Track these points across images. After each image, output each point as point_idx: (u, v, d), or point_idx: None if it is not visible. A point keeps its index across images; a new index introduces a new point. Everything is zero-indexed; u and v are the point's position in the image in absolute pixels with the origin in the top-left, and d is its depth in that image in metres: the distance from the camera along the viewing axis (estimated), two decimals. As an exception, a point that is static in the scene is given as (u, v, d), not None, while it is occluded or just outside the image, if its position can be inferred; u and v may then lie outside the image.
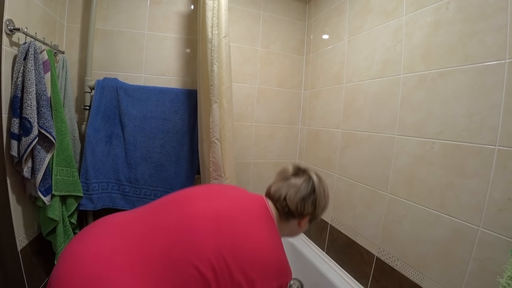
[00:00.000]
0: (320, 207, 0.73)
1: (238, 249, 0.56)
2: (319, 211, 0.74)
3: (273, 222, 0.67)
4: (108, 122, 1.28)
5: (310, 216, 0.72)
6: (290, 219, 0.72)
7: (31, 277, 0.99)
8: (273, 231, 0.64)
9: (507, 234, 0.68)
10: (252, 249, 0.57)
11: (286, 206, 0.69)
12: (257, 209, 0.67)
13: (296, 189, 0.70)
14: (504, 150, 0.70)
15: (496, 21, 0.73)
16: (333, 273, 1.29)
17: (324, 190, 0.75)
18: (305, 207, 0.70)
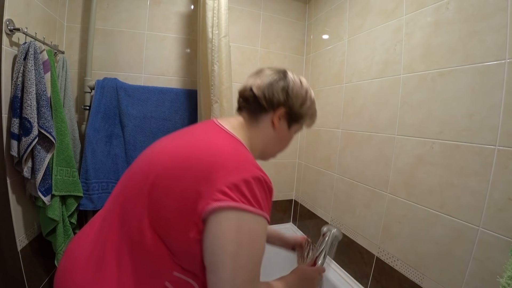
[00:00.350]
0: (294, 97, 0.60)
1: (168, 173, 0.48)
2: (295, 102, 0.60)
3: (227, 133, 0.55)
4: (108, 122, 1.28)
5: (284, 109, 0.60)
6: (260, 118, 0.60)
7: (31, 277, 0.99)
8: (229, 140, 0.53)
9: (507, 234, 0.68)
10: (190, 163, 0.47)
11: (253, 95, 0.59)
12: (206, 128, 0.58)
13: (265, 76, 0.60)
14: (504, 150, 0.70)
15: (496, 21, 0.73)
16: (333, 273, 1.29)
17: (301, 82, 0.63)
18: (273, 93, 0.58)
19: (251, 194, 0.44)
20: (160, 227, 0.46)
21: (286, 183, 1.84)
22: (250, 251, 0.44)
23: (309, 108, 0.64)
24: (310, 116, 0.66)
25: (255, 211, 0.44)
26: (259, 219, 0.45)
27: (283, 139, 0.65)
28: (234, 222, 0.43)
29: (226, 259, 0.42)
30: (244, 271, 0.43)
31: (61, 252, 1.07)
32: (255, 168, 0.47)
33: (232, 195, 0.43)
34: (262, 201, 0.45)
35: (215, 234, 0.43)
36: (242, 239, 0.43)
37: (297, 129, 0.66)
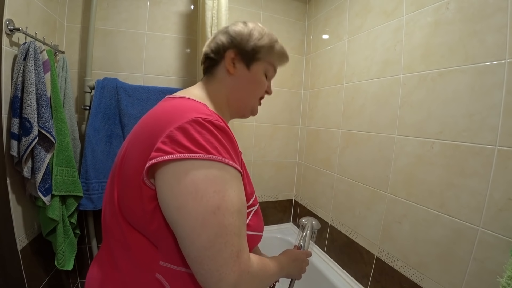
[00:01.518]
0: (238, 35, 0.56)
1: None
2: (240, 39, 0.56)
3: (178, 98, 0.50)
4: (108, 122, 1.28)
5: (233, 51, 0.56)
6: (215, 71, 0.58)
7: (31, 277, 0.99)
8: (177, 102, 0.49)
9: (507, 234, 0.68)
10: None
11: (204, 54, 0.59)
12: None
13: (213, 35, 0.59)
14: (504, 150, 0.70)
15: (496, 21, 0.73)
16: (333, 273, 1.29)
17: (246, 23, 0.58)
18: (217, 42, 0.57)
19: (190, 140, 0.38)
20: (127, 212, 0.44)
21: (286, 183, 1.84)
22: (203, 202, 0.37)
23: (261, 39, 0.57)
24: (269, 49, 0.58)
25: (195, 156, 0.38)
26: (206, 164, 0.38)
27: (245, 82, 0.58)
28: (172, 175, 0.38)
29: (177, 217, 0.38)
30: (202, 226, 0.37)
31: (61, 252, 1.07)
32: (196, 112, 0.41)
33: (166, 148, 0.38)
34: (207, 143, 0.39)
35: (161, 194, 0.39)
36: (186, 189, 0.37)
37: (264, 69, 0.59)
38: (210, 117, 0.42)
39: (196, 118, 0.40)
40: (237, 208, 0.40)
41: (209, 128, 0.40)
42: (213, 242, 0.36)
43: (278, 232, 1.75)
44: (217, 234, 0.37)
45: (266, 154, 1.75)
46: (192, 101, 0.48)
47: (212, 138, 0.40)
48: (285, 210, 1.86)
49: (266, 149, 1.75)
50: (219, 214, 0.37)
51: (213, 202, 0.37)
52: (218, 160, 0.39)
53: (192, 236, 0.37)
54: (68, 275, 1.32)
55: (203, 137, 0.39)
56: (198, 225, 0.37)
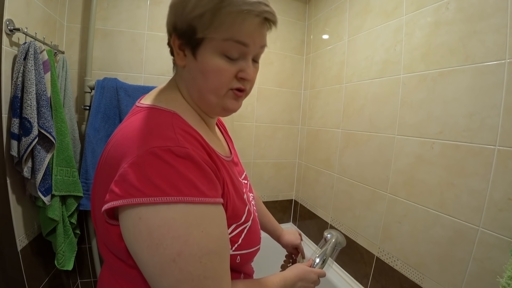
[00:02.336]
0: (173, 8, 0.42)
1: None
2: (177, 15, 0.41)
3: (138, 110, 0.43)
4: (108, 122, 1.28)
5: (175, 35, 0.42)
6: (174, 60, 0.47)
7: (31, 277, 0.99)
8: (135, 119, 0.40)
9: (507, 234, 0.68)
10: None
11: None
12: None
13: None
14: (504, 150, 0.70)
15: (496, 21, 0.73)
16: (333, 273, 1.29)
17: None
18: (167, 23, 0.44)
19: (142, 180, 0.33)
20: (109, 246, 0.41)
21: (286, 183, 1.84)
22: (159, 250, 0.33)
23: (197, 7, 0.38)
24: (210, 19, 0.38)
25: (148, 201, 0.32)
26: (162, 208, 0.33)
27: (197, 75, 0.43)
28: (127, 220, 0.34)
29: (138, 263, 0.35)
30: (161, 275, 0.33)
31: (61, 252, 1.07)
32: (155, 139, 0.35)
33: (117, 191, 0.33)
34: (163, 181, 0.33)
35: (123, 235, 0.36)
36: (139, 236, 0.33)
37: (214, 49, 0.40)
38: (170, 144, 0.35)
39: (152, 149, 0.34)
40: (208, 250, 0.34)
41: (166, 161, 0.34)
42: (177, 287, 0.33)
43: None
44: (180, 281, 0.33)
45: (266, 154, 1.75)
46: (156, 115, 0.40)
47: (171, 173, 0.33)
48: (285, 210, 1.86)
49: (266, 149, 1.75)
50: (180, 262, 0.32)
51: (172, 249, 0.32)
52: (177, 201, 0.33)
53: (152, 281, 0.34)
54: (68, 275, 1.32)
55: (159, 174, 0.33)
56: (156, 273, 0.33)
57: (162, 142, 0.35)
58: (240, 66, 0.42)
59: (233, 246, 0.44)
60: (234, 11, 0.37)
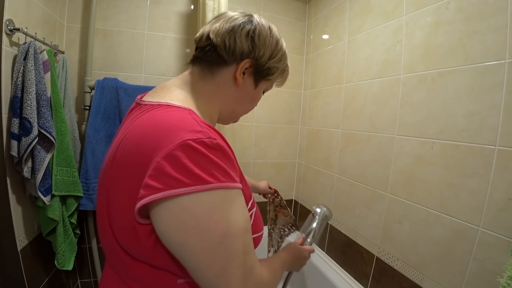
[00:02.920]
0: (262, 46, 0.49)
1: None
2: (263, 52, 0.49)
3: (165, 105, 0.44)
4: (108, 122, 1.28)
5: (250, 62, 0.49)
6: (217, 71, 0.50)
7: (31, 277, 0.99)
8: (153, 116, 0.41)
9: (507, 234, 0.68)
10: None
11: (210, 44, 0.48)
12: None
13: (226, 20, 0.49)
14: (504, 150, 0.70)
15: (496, 21, 0.73)
16: (333, 273, 1.29)
17: (271, 28, 0.52)
18: (236, 40, 0.47)
19: (180, 170, 0.34)
20: (126, 248, 0.41)
21: (286, 183, 1.85)
22: (207, 235, 0.35)
23: (280, 61, 0.53)
24: (281, 72, 0.55)
25: (190, 190, 0.33)
26: (204, 195, 0.34)
27: (248, 98, 0.54)
28: (168, 213, 0.34)
29: (182, 252, 0.36)
30: (212, 257, 0.35)
31: (61, 252, 1.07)
32: (184, 132, 0.36)
33: (155, 184, 0.34)
34: (202, 170, 0.34)
35: (160, 231, 0.36)
36: (185, 225, 0.34)
37: (266, 87, 0.56)
38: (201, 136, 0.36)
39: (186, 141, 0.35)
40: (243, 228, 0.38)
41: (201, 152, 0.35)
42: (225, 268, 0.36)
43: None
44: (228, 259, 0.36)
45: (266, 154, 1.75)
46: (175, 111, 0.41)
47: (206, 162, 0.35)
48: (285, 210, 1.86)
49: (266, 149, 1.75)
50: (226, 242, 0.36)
51: (218, 232, 0.35)
52: (216, 187, 0.35)
53: (202, 268, 0.36)
54: (68, 275, 1.32)
55: (197, 164, 0.34)
56: (206, 258, 0.35)
57: (193, 135, 0.36)
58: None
59: None
60: (286, 76, 0.59)
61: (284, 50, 0.55)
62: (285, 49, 0.55)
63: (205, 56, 0.50)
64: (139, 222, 0.37)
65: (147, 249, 0.38)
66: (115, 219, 0.41)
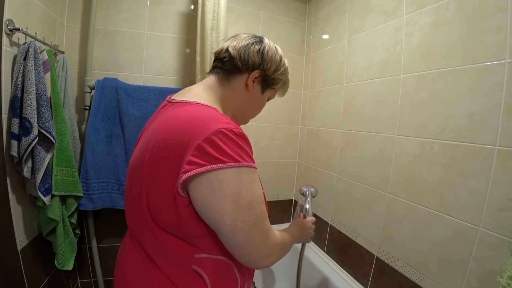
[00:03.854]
0: (269, 61, 0.62)
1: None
2: (269, 66, 0.62)
3: (191, 104, 0.54)
4: (108, 122, 1.28)
5: (259, 72, 0.61)
6: (233, 78, 0.61)
7: (31, 277, 0.99)
8: (193, 108, 0.52)
9: (507, 234, 0.68)
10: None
11: (228, 56, 0.60)
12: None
13: (242, 39, 0.62)
14: (504, 150, 0.70)
15: (496, 21, 0.73)
16: (333, 273, 1.29)
17: (276, 48, 0.64)
18: (249, 54, 0.60)
19: (218, 151, 0.44)
20: (159, 220, 0.50)
21: (286, 183, 1.84)
22: (240, 202, 0.45)
23: (283, 74, 0.66)
24: (283, 83, 0.68)
25: (226, 166, 0.44)
26: (235, 171, 0.45)
27: (256, 102, 0.66)
28: (208, 184, 0.44)
29: (220, 217, 0.45)
30: (242, 220, 0.45)
31: (61, 252, 1.07)
32: (217, 122, 0.46)
33: (199, 161, 0.43)
34: (233, 152, 0.45)
35: (200, 201, 0.45)
36: (223, 194, 0.44)
37: (270, 95, 0.68)
38: (231, 126, 0.47)
39: (220, 129, 0.45)
40: (261, 199, 0.49)
41: (231, 137, 0.46)
42: (251, 230, 0.47)
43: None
44: (253, 223, 0.47)
45: (266, 154, 1.75)
46: (205, 108, 0.52)
47: (235, 146, 0.46)
48: (285, 210, 1.86)
49: (266, 149, 1.75)
50: (252, 208, 0.46)
51: (247, 200, 0.46)
52: (243, 165, 0.46)
53: (235, 230, 0.45)
54: (68, 275, 1.32)
55: (229, 146, 0.45)
56: (239, 220, 0.45)
57: (224, 125, 0.46)
58: None
59: None
60: (287, 86, 0.71)
61: (286, 66, 0.66)
62: (287, 66, 0.67)
63: (223, 65, 0.61)
64: (179, 193, 0.46)
65: (182, 218, 0.47)
66: (154, 195, 0.49)
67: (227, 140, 0.45)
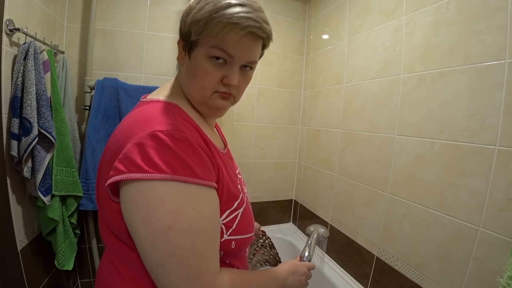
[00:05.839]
0: (185, 16, 0.46)
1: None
2: (184, 21, 0.46)
3: (146, 103, 0.48)
4: (108, 122, 1.28)
5: (179, 37, 0.48)
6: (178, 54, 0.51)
7: (31, 277, 0.99)
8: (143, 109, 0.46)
9: (507, 234, 0.68)
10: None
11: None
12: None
13: None
14: (504, 150, 0.70)
15: (496, 21, 0.73)
16: (333, 273, 1.29)
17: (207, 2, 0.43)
18: (180, 26, 0.48)
19: (143, 157, 0.36)
20: (110, 227, 0.44)
21: (286, 183, 1.84)
22: (152, 222, 0.36)
23: (198, 13, 0.43)
24: (202, 27, 0.42)
25: (147, 176, 0.35)
26: (159, 184, 0.36)
27: (189, 73, 0.47)
28: (127, 193, 0.37)
29: (131, 232, 0.38)
30: (151, 246, 0.36)
31: (61, 252, 1.07)
32: (157, 124, 0.39)
33: (120, 167, 0.37)
34: (162, 161, 0.36)
35: (122, 212, 0.39)
36: (135, 207, 0.36)
37: (203, 52, 0.44)
38: (171, 128, 0.38)
39: (155, 132, 0.37)
40: (198, 228, 0.37)
41: (166, 143, 0.37)
42: (164, 261, 0.36)
43: (278, 232, 1.75)
44: (169, 254, 0.36)
45: (266, 154, 1.75)
46: (160, 106, 0.45)
47: (168, 154, 0.37)
48: (285, 210, 1.86)
49: (266, 149, 1.75)
50: (170, 235, 0.35)
51: (164, 222, 0.35)
52: (172, 179, 0.36)
53: (144, 253, 0.37)
54: (68, 275, 1.32)
55: (159, 154, 0.36)
56: (147, 243, 0.36)
57: (163, 126, 0.39)
58: (225, 72, 0.45)
59: (228, 231, 0.46)
60: (222, 22, 0.41)
61: (208, 1, 0.42)
62: (209, 1, 0.42)
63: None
64: (112, 199, 0.41)
65: (122, 228, 0.41)
66: (101, 200, 0.45)
67: (160, 146, 0.37)
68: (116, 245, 0.45)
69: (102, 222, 0.47)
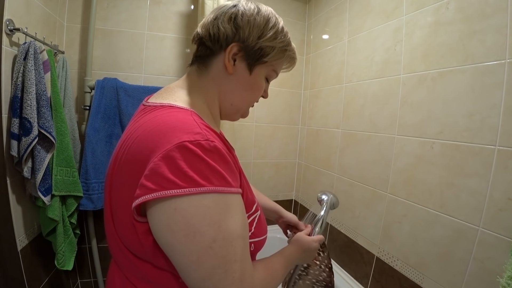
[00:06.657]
0: (247, 26, 0.46)
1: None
2: (249, 33, 0.46)
3: (156, 109, 0.44)
4: (108, 122, 1.28)
5: (237, 45, 0.46)
6: (210, 63, 0.49)
7: (31, 277, 0.99)
8: (155, 118, 0.41)
9: (507, 234, 0.68)
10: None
11: (198, 38, 0.49)
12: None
13: (213, 11, 0.49)
14: (504, 150, 0.70)
15: (496, 21, 0.73)
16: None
17: (259, 8, 0.48)
18: (219, 27, 0.46)
19: (176, 172, 0.34)
20: (130, 247, 0.42)
21: (286, 183, 1.84)
22: (197, 238, 0.34)
23: (275, 39, 0.47)
24: (280, 52, 0.49)
25: (183, 192, 0.33)
26: (197, 198, 0.34)
27: (244, 86, 0.50)
28: (161, 213, 0.35)
29: (170, 253, 0.36)
30: (198, 262, 0.35)
31: (61, 252, 1.07)
32: (182, 133, 0.36)
33: (150, 185, 0.34)
34: (196, 173, 0.34)
35: (153, 230, 0.37)
36: (175, 226, 0.34)
37: (265, 72, 0.51)
38: (199, 138, 0.36)
39: (183, 143, 0.35)
40: (237, 235, 0.37)
41: (198, 154, 0.35)
42: (211, 274, 0.35)
43: (278, 232, 1.75)
44: (215, 266, 0.35)
45: (266, 154, 1.75)
46: (177, 112, 0.41)
47: (202, 165, 0.35)
48: (285, 210, 1.86)
49: (266, 149, 1.74)
50: (215, 247, 0.35)
51: (208, 236, 0.35)
52: (210, 191, 0.35)
53: (188, 270, 0.35)
54: (68, 275, 1.32)
55: (192, 166, 0.34)
56: (193, 261, 0.35)
57: (191, 136, 0.36)
58: (265, 87, 0.54)
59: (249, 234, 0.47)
60: (290, 56, 0.52)
61: (279, 28, 0.48)
62: (282, 27, 0.49)
63: (197, 52, 0.50)
64: (137, 220, 0.38)
65: (147, 248, 0.39)
66: (118, 218, 0.41)
67: (191, 157, 0.34)
68: (134, 266, 0.42)
69: (114, 241, 0.43)
